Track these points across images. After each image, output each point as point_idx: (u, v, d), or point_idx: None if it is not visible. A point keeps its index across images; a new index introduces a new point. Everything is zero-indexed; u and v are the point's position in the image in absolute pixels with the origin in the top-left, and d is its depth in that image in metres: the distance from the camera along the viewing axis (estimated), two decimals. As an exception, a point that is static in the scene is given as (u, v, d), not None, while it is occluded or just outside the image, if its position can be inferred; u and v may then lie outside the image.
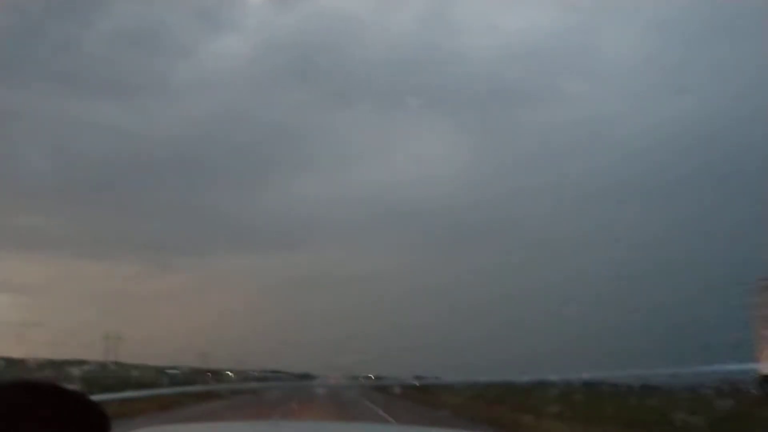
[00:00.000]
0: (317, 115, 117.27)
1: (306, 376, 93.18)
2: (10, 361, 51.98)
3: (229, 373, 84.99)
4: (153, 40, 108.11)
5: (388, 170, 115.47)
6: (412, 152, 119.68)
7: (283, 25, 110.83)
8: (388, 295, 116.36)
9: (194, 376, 62.83)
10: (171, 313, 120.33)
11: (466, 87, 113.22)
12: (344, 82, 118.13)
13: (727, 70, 79.02)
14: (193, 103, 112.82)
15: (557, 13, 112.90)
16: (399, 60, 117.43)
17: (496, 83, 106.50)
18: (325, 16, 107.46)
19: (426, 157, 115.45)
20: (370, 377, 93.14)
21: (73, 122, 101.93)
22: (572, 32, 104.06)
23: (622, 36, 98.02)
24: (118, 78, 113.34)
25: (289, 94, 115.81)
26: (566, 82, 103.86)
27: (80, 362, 65.44)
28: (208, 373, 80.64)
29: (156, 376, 55.38)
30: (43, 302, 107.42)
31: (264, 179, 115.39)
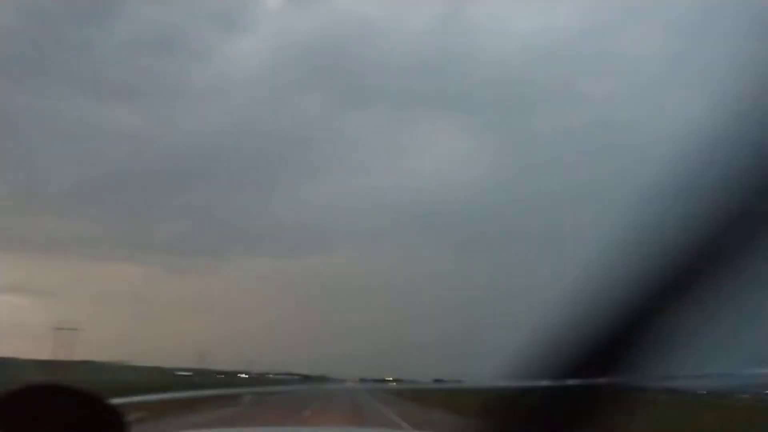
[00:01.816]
0: (333, 119, 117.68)
1: (322, 379, 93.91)
2: (31, 362, 53.26)
3: (243, 375, 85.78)
4: (170, 45, 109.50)
5: (403, 174, 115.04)
6: (427, 156, 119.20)
7: (299, 28, 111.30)
8: (406, 298, 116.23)
9: (204, 378, 63.38)
10: (185, 314, 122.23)
11: (482, 89, 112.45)
12: (360, 86, 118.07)
13: (753, 72, 77.25)
14: (210, 107, 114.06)
15: (575, 14, 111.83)
16: (415, 63, 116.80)
17: (513, 85, 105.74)
18: (341, 19, 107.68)
19: (441, 161, 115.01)
20: (389, 380, 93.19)
21: (92, 126, 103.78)
22: (591, 33, 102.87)
23: (643, 37, 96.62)
24: (136, 82, 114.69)
25: (305, 98, 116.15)
26: (584, 84, 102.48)
27: (91, 363, 66.92)
28: (221, 375, 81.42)
29: (166, 378, 56.06)
30: (61, 304, 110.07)
31: (280, 182, 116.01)
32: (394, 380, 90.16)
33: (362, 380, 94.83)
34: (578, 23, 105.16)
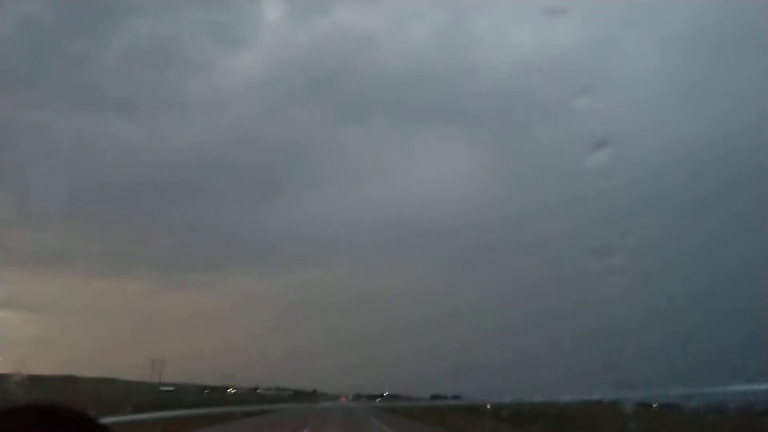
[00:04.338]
0: (331, 132, 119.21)
1: (314, 395, 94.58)
2: (29, 379, 53.91)
3: (230, 390, 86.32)
4: (168, 58, 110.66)
5: (400, 188, 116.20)
6: (425, 169, 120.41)
7: (298, 41, 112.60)
8: (401, 312, 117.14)
9: (192, 395, 63.82)
10: (178, 329, 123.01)
11: (481, 103, 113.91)
12: (358, 99, 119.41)
13: (748, 88, 78.65)
14: (207, 120, 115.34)
15: (573, 29, 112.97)
16: (414, 76, 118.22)
17: (511, 100, 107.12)
18: (340, 32, 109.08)
19: (439, 174, 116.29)
20: (384, 395, 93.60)
21: (87, 139, 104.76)
22: (588, 48, 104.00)
23: (641, 53, 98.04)
24: (133, 95, 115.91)
25: (303, 111, 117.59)
26: (582, 98, 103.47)
27: (97, 380, 67.62)
28: (206, 390, 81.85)
29: (150, 395, 56.82)
30: (55, 319, 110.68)
31: (276, 197, 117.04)
32: (389, 396, 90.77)
33: (357, 396, 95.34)
34: (576, 38, 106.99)
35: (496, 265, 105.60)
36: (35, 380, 53.98)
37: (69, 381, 58.86)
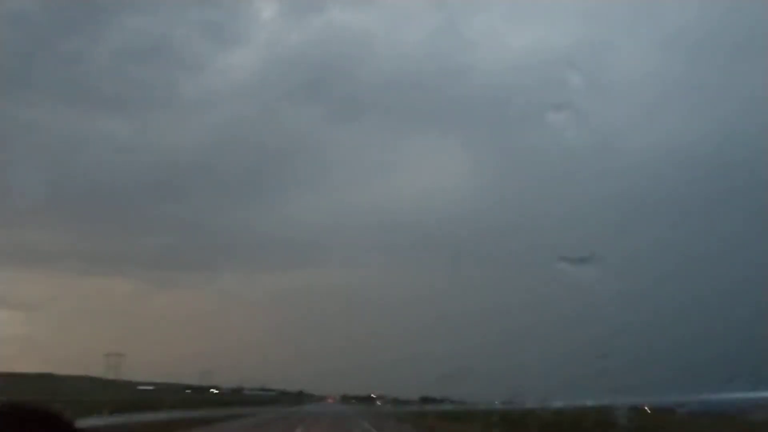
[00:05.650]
0: (325, 133, 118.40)
1: (300, 396, 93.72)
2: (10, 377, 52.96)
3: (213, 390, 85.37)
4: (160, 56, 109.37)
5: (392, 190, 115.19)
6: (420, 171, 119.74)
7: (292, 41, 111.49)
8: (390, 313, 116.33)
9: (162, 393, 62.65)
10: (164, 329, 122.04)
11: (477, 105, 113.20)
12: (353, 100, 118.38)
13: (742, 88, 77.96)
14: (200, 119, 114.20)
15: (570, 31, 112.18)
16: (409, 77, 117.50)
17: (507, 101, 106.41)
18: (335, 32, 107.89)
19: (434, 177, 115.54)
20: (373, 397, 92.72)
21: (78, 138, 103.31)
22: (587, 50, 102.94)
23: (639, 55, 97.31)
24: (125, 93, 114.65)
25: (296, 111, 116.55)
26: (576, 99, 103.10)
27: (76, 378, 66.54)
28: (187, 390, 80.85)
29: (128, 395, 55.69)
30: (43, 318, 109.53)
31: (267, 197, 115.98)
32: (378, 398, 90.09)
33: (344, 397, 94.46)
34: (574, 40, 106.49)
35: (490, 268, 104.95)
36: (12, 378, 52.86)
37: (44, 379, 57.65)
